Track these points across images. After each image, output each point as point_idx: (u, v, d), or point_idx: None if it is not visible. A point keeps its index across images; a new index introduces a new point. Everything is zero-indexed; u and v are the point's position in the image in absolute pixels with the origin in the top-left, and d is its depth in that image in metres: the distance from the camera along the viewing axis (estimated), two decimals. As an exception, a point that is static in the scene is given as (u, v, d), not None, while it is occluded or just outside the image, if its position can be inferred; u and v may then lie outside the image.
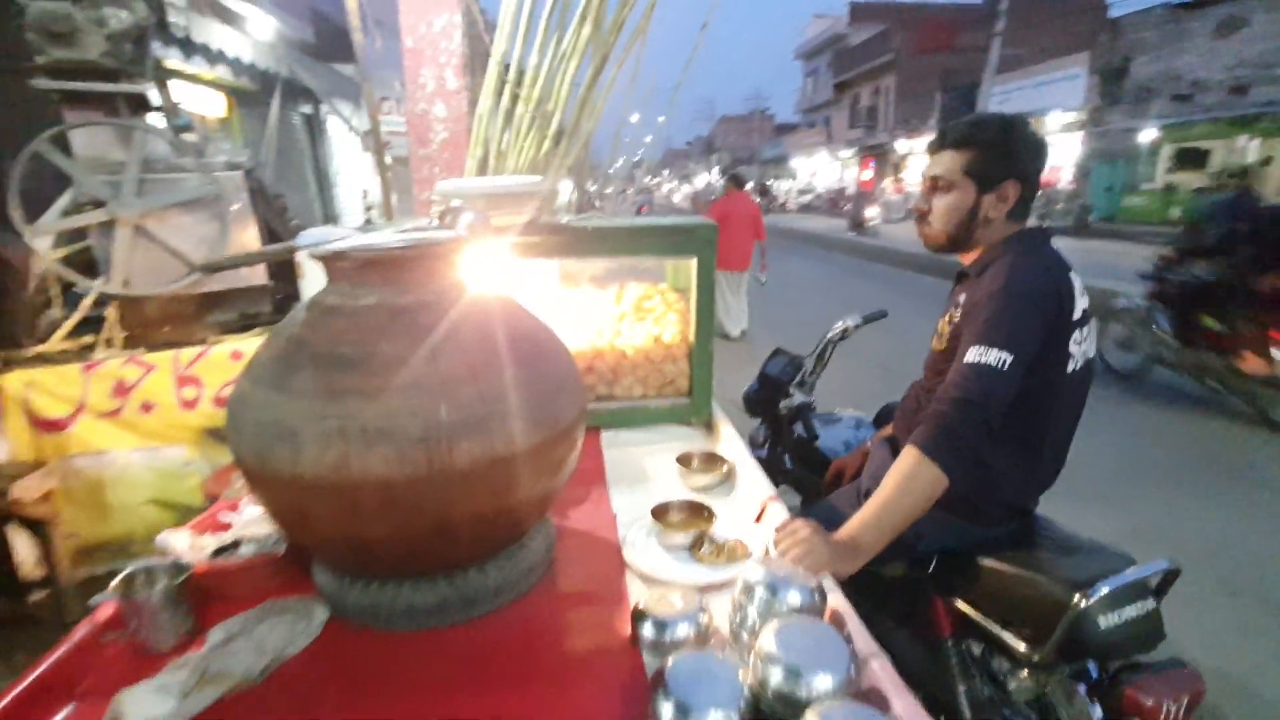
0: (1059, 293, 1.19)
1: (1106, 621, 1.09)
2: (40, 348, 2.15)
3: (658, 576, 1.07)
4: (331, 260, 0.91)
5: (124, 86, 2.16)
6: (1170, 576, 1.15)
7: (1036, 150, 1.29)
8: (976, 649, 1.39)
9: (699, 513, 1.22)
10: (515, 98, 1.91)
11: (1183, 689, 1.06)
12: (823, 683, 0.74)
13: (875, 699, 0.78)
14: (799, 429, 1.94)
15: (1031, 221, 1.38)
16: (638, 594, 1.02)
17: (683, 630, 0.89)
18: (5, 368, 2.02)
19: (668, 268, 2.00)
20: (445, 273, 0.96)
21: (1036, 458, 1.28)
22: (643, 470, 1.52)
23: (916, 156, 24.59)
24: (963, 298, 1.31)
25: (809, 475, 1.94)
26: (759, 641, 0.79)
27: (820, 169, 33.41)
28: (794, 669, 0.75)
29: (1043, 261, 1.23)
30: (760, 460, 2.07)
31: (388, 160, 3.24)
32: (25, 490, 1.79)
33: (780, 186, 30.53)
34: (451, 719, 0.80)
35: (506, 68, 1.86)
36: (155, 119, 2.44)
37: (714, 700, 0.72)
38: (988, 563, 1.28)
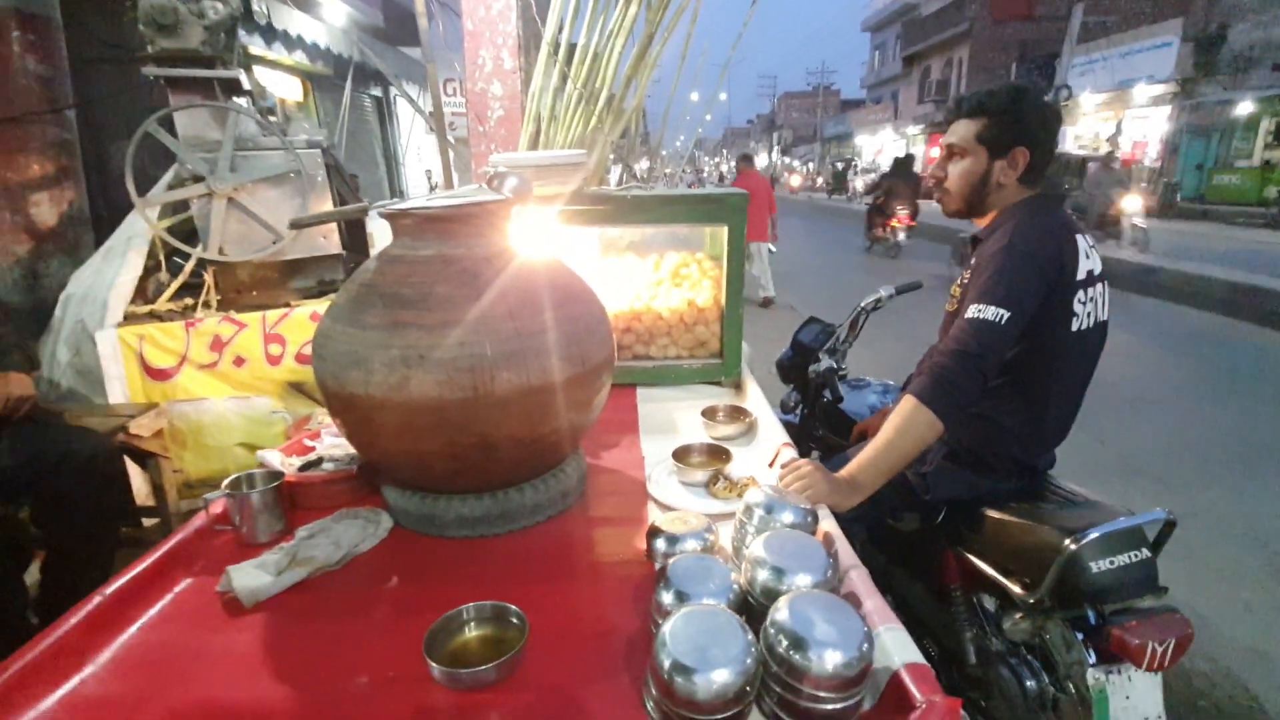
0: (1060, 253, 1.24)
1: (1098, 566, 1.16)
2: (150, 306, 2.45)
3: (675, 506, 1.20)
4: (396, 218, 1.07)
5: (219, 72, 2.41)
6: (1168, 528, 1.20)
7: (1046, 119, 1.33)
8: (982, 599, 1.46)
9: (718, 454, 1.35)
10: (564, 76, 2.03)
11: (1169, 632, 1.11)
12: (802, 581, 0.85)
13: (852, 601, 0.89)
14: (827, 393, 2.02)
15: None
16: (656, 518, 1.15)
17: (690, 544, 1.01)
18: (124, 322, 2.31)
19: (705, 237, 2.10)
20: (492, 228, 1.10)
21: (1041, 413, 1.34)
22: (672, 421, 1.65)
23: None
24: (974, 260, 1.37)
25: (836, 438, 2.03)
26: (749, 548, 0.91)
27: (885, 146, 32.22)
28: (778, 569, 0.86)
29: (1046, 224, 1.28)
30: (791, 425, 2.18)
31: (450, 140, 3.43)
32: (141, 427, 2.07)
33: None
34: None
35: (557, 47, 1.99)
36: (244, 101, 2.70)
37: (707, 591, 0.85)
38: (992, 513, 1.35)
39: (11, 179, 2.54)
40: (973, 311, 1.20)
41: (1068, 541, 1.15)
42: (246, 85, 2.52)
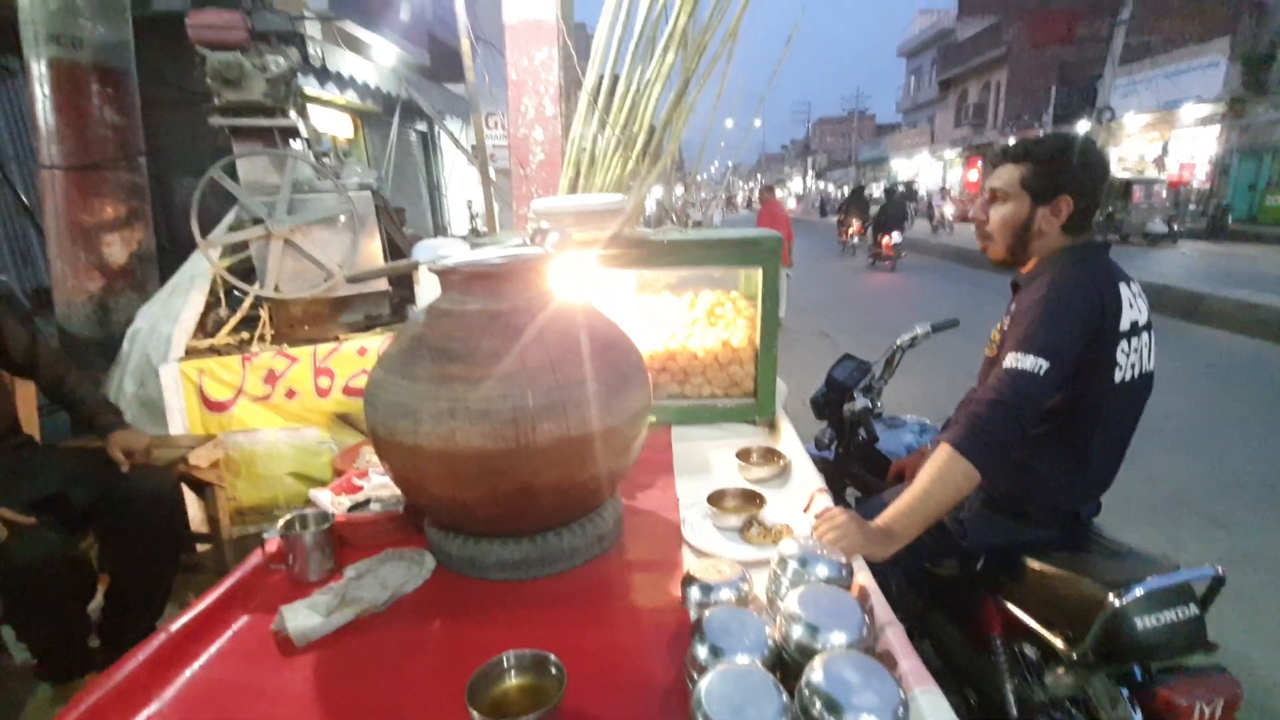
0: (1102, 303, 1.23)
1: (1144, 623, 1.13)
2: (210, 340, 2.58)
3: (709, 552, 1.22)
4: (445, 274, 1.13)
5: (279, 121, 2.56)
6: (1216, 584, 1.17)
7: (1092, 168, 1.33)
8: (1023, 648, 1.43)
9: (751, 499, 1.36)
10: (603, 123, 2.11)
11: (1218, 692, 1.08)
12: (837, 639, 0.86)
13: (887, 661, 0.89)
14: (862, 432, 2.01)
15: (1159, 224, 1.37)
16: (690, 565, 1.17)
17: (725, 594, 1.02)
18: (185, 356, 2.44)
19: (740, 276, 2.14)
20: (534, 283, 1.15)
21: (1084, 462, 1.32)
22: (706, 462, 1.67)
23: (1030, 155, 23.06)
24: (1014, 306, 1.37)
25: (872, 477, 2.02)
26: (785, 602, 0.92)
27: (922, 169, 31.97)
28: (813, 626, 0.87)
29: (1088, 273, 1.27)
30: (826, 461, 2.17)
31: (491, 174, 3.56)
32: (199, 457, 2.17)
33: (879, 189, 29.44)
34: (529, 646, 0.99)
35: (598, 95, 2.07)
36: (300, 146, 2.85)
37: (742, 646, 0.86)
38: (1033, 563, 1.33)
39: (87, 221, 2.72)
40: (1011, 361, 1.19)
41: (1112, 597, 1.13)
42: (304, 132, 2.66)
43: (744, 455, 1.59)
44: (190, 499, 2.37)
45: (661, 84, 2.12)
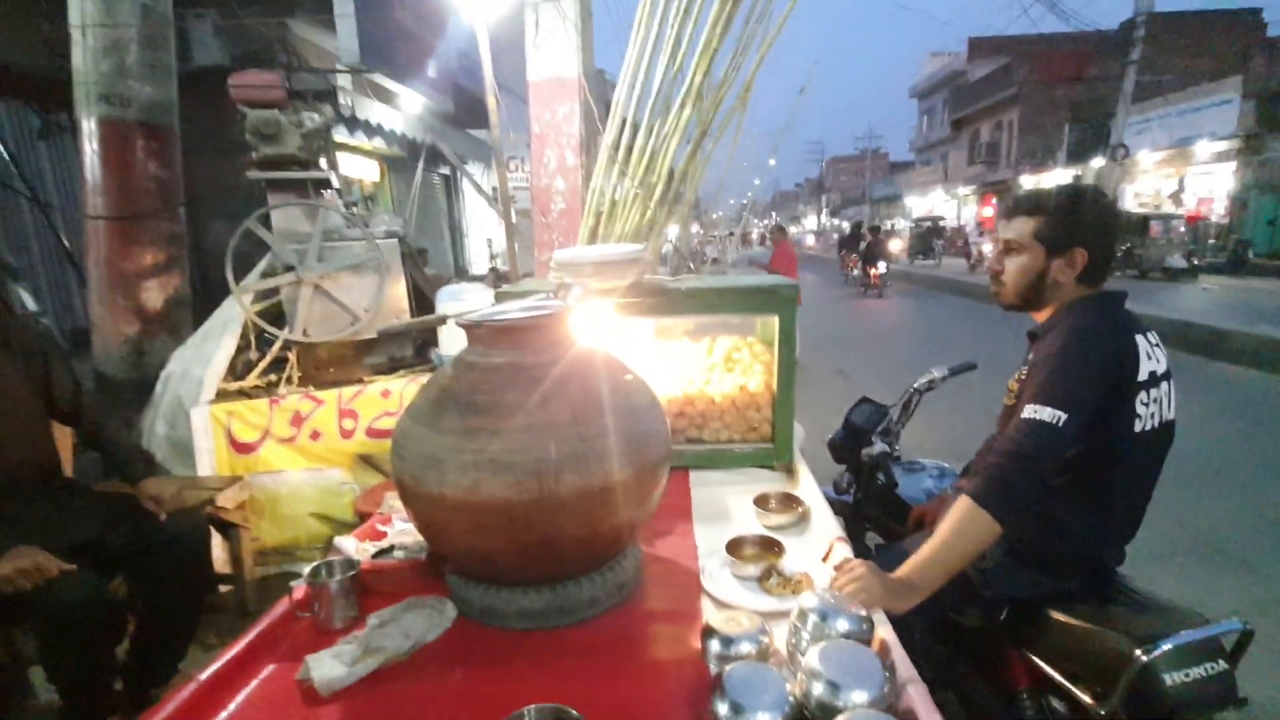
0: (1119, 354, 1.24)
1: (1172, 679, 1.11)
2: (241, 383, 2.66)
3: (728, 602, 1.22)
4: (471, 328, 1.17)
5: (312, 173, 2.68)
6: (1244, 639, 1.14)
7: (1105, 221, 1.35)
8: (1051, 703, 1.40)
9: (770, 547, 1.36)
10: (623, 174, 2.19)
11: (1255, 754, 1.05)
12: (858, 697, 0.86)
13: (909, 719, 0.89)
14: (881, 477, 2.01)
15: (1179, 258, 1.38)
16: (710, 616, 1.18)
17: (744, 647, 1.03)
18: (216, 399, 2.52)
19: (757, 321, 2.17)
20: (557, 336, 1.19)
21: (1106, 512, 1.31)
22: (725, 507, 1.67)
23: (1044, 192, 23.11)
24: (1031, 356, 1.38)
25: (892, 523, 2.01)
26: (806, 658, 0.93)
27: (936, 207, 32.13)
28: (834, 683, 0.87)
29: (1105, 324, 1.28)
30: (845, 505, 2.16)
31: (513, 215, 3.68)
32: (226, 499, 2.22)
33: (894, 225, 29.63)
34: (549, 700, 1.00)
35: (618, 149, 2.15)
36: (331, 195, 2.97)
37: (763, 704, 0.86)
38: (1057, 615, 1.32)
39: (127, 268, 2.84)
40: (1029, 412, 1.20)
41: (1139, 652, 1.12)
42: (335, 183, 2.78)
43: (762, 501, 1.59)
44: (215, 539, 2.42)
45: (679, 137, 2.20)
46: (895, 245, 20.30)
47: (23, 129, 4.32)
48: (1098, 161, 16.85)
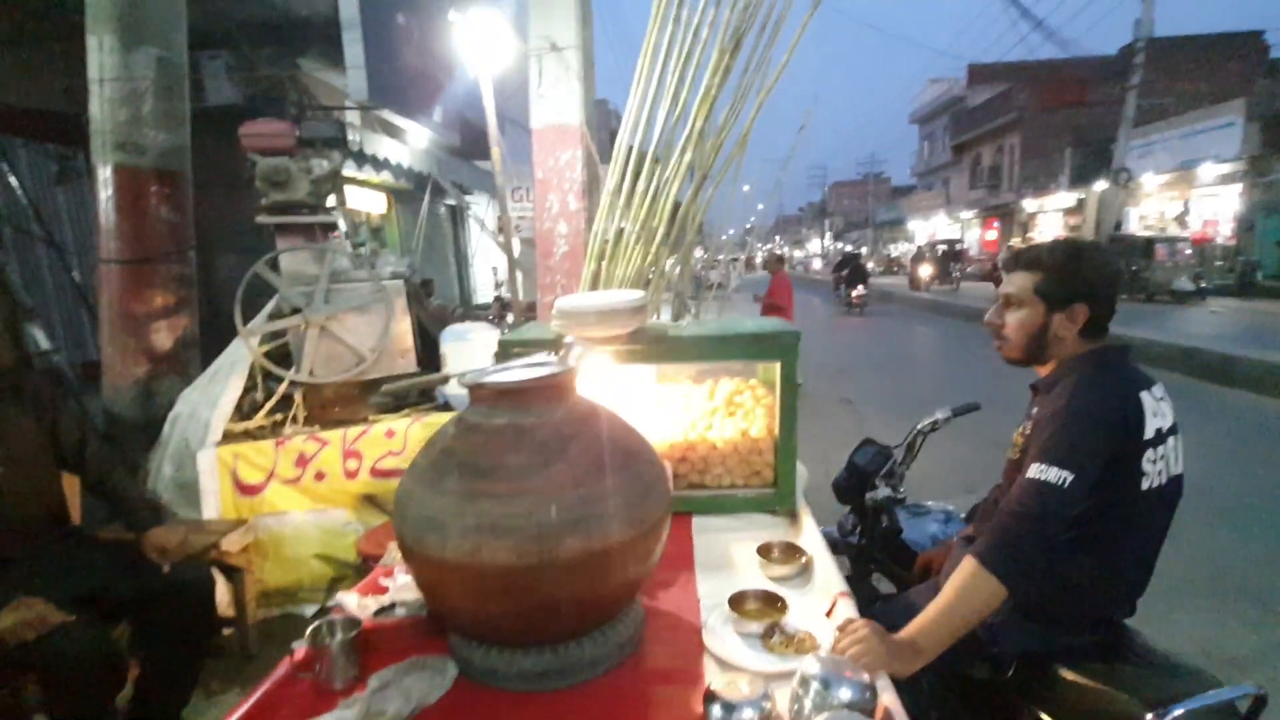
0: (1125, 412, 1.23)
1: (1185, 746, 1.09)
2: (247, 424, 2.68)
3: (731, 661, 1.21)
4: (474, 389, 1.19)
5: (320, 218, 2.73)
6: (1259, 703, 1.12)
7: (1106, 275, 1.34)
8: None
9: (773, 603, 1.35)
10: (624, 218, 2.22)
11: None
12: (861, 772, 0.85)
13: (914, 793, 0.87)
14: (885, 520, 2.00)
15: (1185, 281, 1.37)
16: (712, 675, 1.17)
17: (747, 714, 1.02)
18: (222, 441, 2.53)
19: (759, 365, 2.17)
20: (558, 396, 1.20)
21: (1115, 569, 1.30)
22: (727, 556, 1.66)
23: (1047, 215, 23.21)
24: (1035, 410, 1.38)
25: (897, 568, 1.99)
26: (808, 728, 0.92)
27: (939, 231, 32.28)
28: (836, 757, 0.87)
29: (1110, 381, 1.28)
30: (851, 545, 2.15)
31: (517, 245, 3.73)
32: (231, 543, 2.22)
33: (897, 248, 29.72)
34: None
35: (620, 195, 2.18)
36: (339, 234, 3.02)
37: (765, 776, 0.86)
38: (1067, 673, 1.30)
39: (138, 310, 2.88)
40: (1035, 471, 1.19)
41: (1150, 717, 1.10)
42: (342, 227, 2.83)
43: (765, 551, 1.58)
44: (219, 582, 2.41)
45: (680, 181, 2.24)
46: (925, 270, 20.33)
47: (41, 174, 4.45)
48: (1101, 185, 16.95)
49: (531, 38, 2.40)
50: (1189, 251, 13.63)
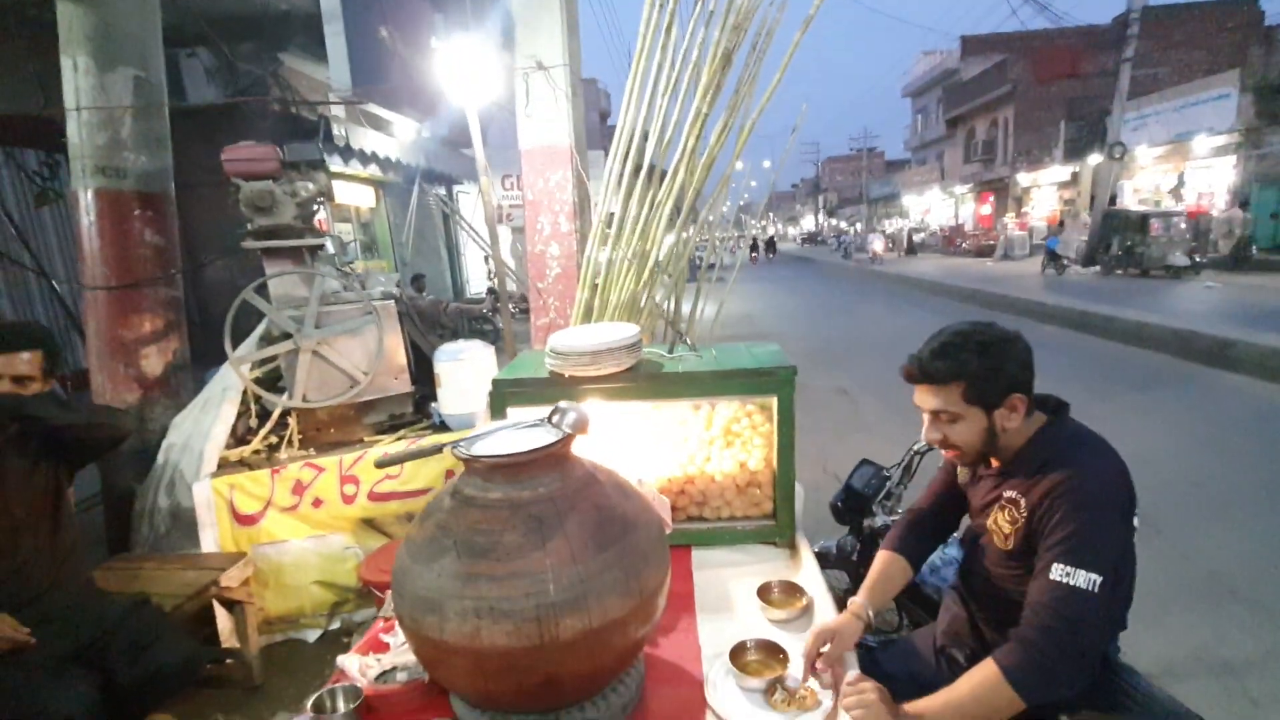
0: (1129, 488, 1.21)
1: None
2: (242, 450, 2.66)
3: (733, 720, 1.22)
4: (469, 461, 1.17)
5: (307, 241, 2.68)
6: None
7: (1021, 358, 1.27)
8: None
9: (775, 654, 1.36)
10: (616, 245, 2.19)
11: None
12: None
13: None
14: (884, 548, 2.00)
15: (1180, 255, 1.26)
16: (714, 738, 1.18)
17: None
18: (217, 471, 2.52)
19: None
20: (555, 465, 1.19)
21: (1116, 617, 1.30)
22: (727, 596, 1.67)
23: (1041, 189, 23.11)
24: (1014, 495, 1.30)
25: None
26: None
27: (933, 205, 32.13)
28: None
29: (1107, 458, 1.24)
30: (852, 563, 2.16)
31: (508, 234, 3.66)
32: (230, 578, 2.22)
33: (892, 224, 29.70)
34: None
35: (610, 222, 2.15)
36: (327, 245, 2.96)
37: None
38: (1065, 723, 1.31)
39: (126, 336, 2.85)
40: (1059, 575, 1.13)
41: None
42: (330, 248, 2.78)
43: (764, 593, 1.59)
44: (220, 614, 2.42)
45: (671, 205, 2.21)
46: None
47: (26, 197, 4.41)
48: (1095, 158, 16.84)
49: (518, 56, 2.34)
50: (1183, 225, 13.59)
